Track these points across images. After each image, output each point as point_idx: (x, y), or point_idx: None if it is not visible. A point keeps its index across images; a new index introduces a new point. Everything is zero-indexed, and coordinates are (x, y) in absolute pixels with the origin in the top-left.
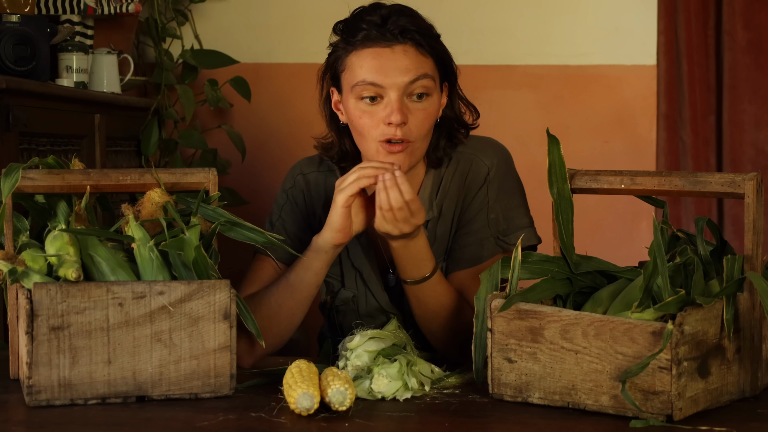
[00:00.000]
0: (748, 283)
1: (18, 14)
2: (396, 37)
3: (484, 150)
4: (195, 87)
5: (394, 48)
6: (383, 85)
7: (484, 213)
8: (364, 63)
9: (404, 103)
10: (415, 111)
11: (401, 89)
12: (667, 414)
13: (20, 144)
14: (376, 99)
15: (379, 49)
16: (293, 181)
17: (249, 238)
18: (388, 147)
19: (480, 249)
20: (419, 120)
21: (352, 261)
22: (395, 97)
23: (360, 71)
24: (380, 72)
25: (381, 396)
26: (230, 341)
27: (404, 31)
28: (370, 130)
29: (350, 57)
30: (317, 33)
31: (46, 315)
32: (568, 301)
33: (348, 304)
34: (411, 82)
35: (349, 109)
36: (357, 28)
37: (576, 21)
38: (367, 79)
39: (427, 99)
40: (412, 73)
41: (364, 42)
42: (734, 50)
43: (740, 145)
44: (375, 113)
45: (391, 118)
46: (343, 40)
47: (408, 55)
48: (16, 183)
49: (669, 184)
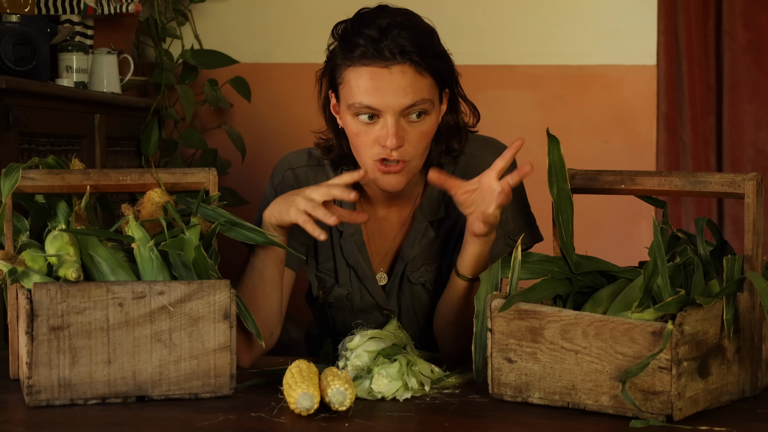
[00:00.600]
0: (748, 283)
1: (18, 14)
2: (394, 56)
3: (493, 151)
4: (195, 87)
5: (391, 69)
6: (379, 108)
7: None
8: (361, 83)
9: (401, 126)
10: (412, 131)
11: (398, 112)
12: (667, 414)
13: (20, 144)
14: (373, 118)
15: (376, 70)
16: (282, 177)
17: (249, 238)
18: (384, 167)
19: (492, 249)
20: (416, 139)
21: (347, 259)
22: (392, 121)
23: (357, 91)
24: (376, 95)
25: (381, 396)
26: (230, 341)
27: (402, 51)
28: (366, 148)
29: (348, 72)
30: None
31: (46, 315)
32: (568, 301)
33: (342, 300)
34: (408, 107)
35: (347, 123)
36: (354, 44)
37: (576, 21)
38: (363, 102)
39: (424, 118)
40: (409, 98)
41: (361, 59)
42: (734, 50)
43: (740, 145)
44: (371, 132)
45: (387, 142)
46: (341, 50)
47: (406, 77)
48: (16, 183)
49: (669, 184)
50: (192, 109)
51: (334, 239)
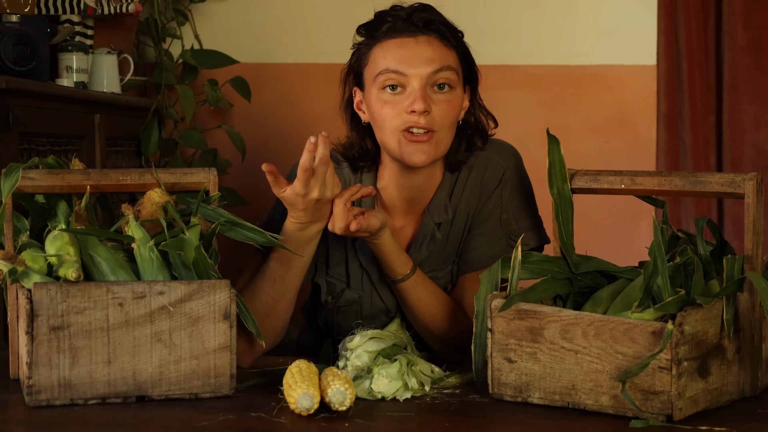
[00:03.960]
0: (748, 283)
1: (18, 14)
2: (421, 28)
3: (498, 152)
4: (195, 87)
5: (418, 39)
6: (406, 74)
7: (497, 214)
8: (388, 53)
9: (427, 93)
10: (438, 102)
11: (424, 79)
12: (667, 414)
13: (20, 144)
14: (398, 88)
15: (403, 39)
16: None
17: (249, 238)
18: (411, 137)
19: (492, 249)
20: (443, 110)
21: (361, 261)
22: (418, 86)
23: (383, 61)
24: (404, 61)
25: (381, 396)
26: (230, 341)
27: (429, 22)
28: (392, 120)
29: (374, 50)
30: (317, 33)
31: (46, 315)
32: (568, 301)
33: (352, 305)
34: (434, 72)
35: (371, 101)
36: (382, 22)
37: (576, 21)
38: (390, 67)
39: (450, 91)
40: (435, 63)
41: (388, 33)
42: (734, 50)
43: (740, 145)
44: (397, 103)
45: (414, 106)
46: (367, 36)
47: (432, 46)
48: (16, 183)
49: (669, 184)
50: (192, 109)
51: (348, 242)
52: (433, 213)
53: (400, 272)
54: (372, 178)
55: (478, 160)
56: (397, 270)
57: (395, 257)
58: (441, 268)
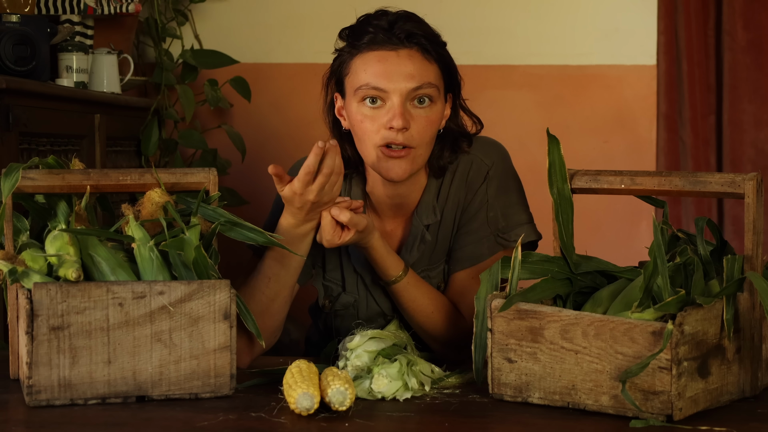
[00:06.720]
0: (748, 283)
1: (18, 14)
2: (402, 41)
3: (482, 149)
4: (195, 87)
5: (399, 52)
6: (386, 90)
7: (483, 211)
8: (369, 67)
9: (407, 109)
10: (418, 117)
11: (404, 95)
12: (667, 414)
13: (20, 144)
14: (378, 102)
15: (384, 53)
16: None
17: (249, 238)
18: (389, 152)
19: (480, 247)
20: (421, 126)
21: (354, 266)
22: (398, 102)
23: (364, 75)
24: (384, 76)
25: (381, 396)
26: (230, 341)
27: (411, 35)
28: (371, 134)
29: (355, 60)
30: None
31: (46, 315)
32: (568, 301)
33: (348, 308)
34: (414, 90)
35: (351, 113)
36: (363, 32)
37: (576, 21)
38: (370, 82)
39: (430, 106)
40: (415, 80)
41: (369, 45)
42: (734, 50)
43: (740, 145)
44: (377, 118)
45: (393, 123)
46: (349, 44)
47: (413, 61)
48: (16, 183)
49: (669, 184)
50: (192, 109)
51: (341, 247)
52: (422, 215)
53: (392, 274)
54: (361, 182)
55: (463, 159)
56: (390, 272)
57: (386, 259)
58: (433, 268)
